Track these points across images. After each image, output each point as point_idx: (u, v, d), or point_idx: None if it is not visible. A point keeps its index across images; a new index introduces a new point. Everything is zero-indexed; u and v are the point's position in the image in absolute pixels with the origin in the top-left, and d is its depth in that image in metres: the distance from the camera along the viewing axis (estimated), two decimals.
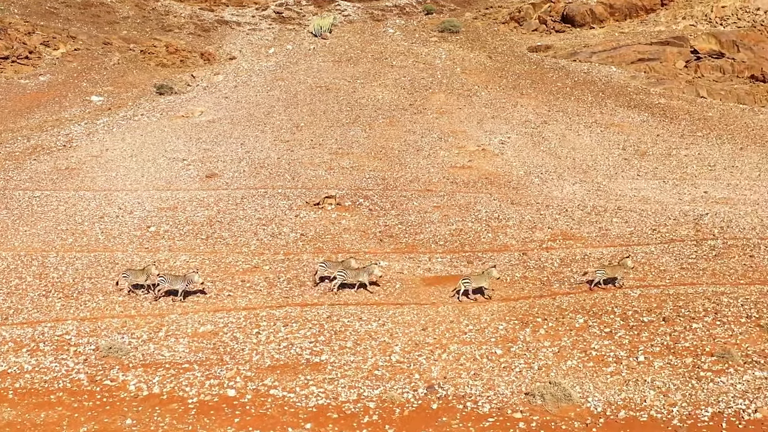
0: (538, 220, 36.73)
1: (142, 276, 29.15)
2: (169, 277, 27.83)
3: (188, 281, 27.92)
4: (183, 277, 28.02)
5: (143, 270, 29.33)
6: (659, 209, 38.58)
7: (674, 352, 24.36)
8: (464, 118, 53.82)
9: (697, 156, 47.32)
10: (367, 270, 29.79)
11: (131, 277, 28.00)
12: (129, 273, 29.35)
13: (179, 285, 27.89)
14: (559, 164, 45.54)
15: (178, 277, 27.98)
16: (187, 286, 27.77)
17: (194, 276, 27.93)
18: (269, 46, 72.85)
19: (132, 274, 29.13)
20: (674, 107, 57.97)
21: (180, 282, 27.82)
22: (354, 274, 29.44)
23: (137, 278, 28.31)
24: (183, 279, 27.83)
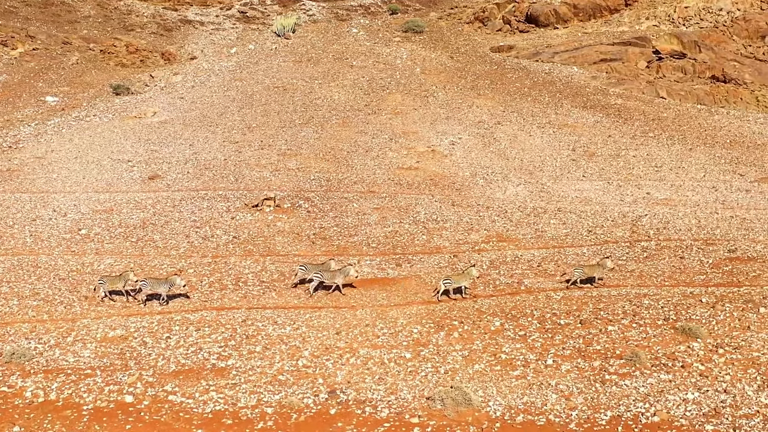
0: (476, 222, 36.64)
1: (120, 282, 28.90)
2: (151, 281, 27.60)
3: (170, 284, 27.58)
4: (165, 280, 27.73)
5: (120, 276, 29.08)
6: (599, 210, 38.57)
7: (585, 355, 24.31)
8: (418, 119, 53.67)
9: (645, 157, 47.31)
10: (342, 272, 29.63)
11: (107, 284, 27.85)
12: (105, 279, 29.09)
13: (162, 288, 27.68)
14: (506, 165, 45.47)
15: (160, 281, 27.74)
16: (170, 289, 27.48)
17: (176, 279, 27.62)
18: (231, 46, 72.61)
19: (108, 281, 28.89)
20: (630, 108, 58.00)
21: (162, 285, 27.60)
22: (330, 276, 29.37)
23: (114, 285, 28.06)
24: (165, 282, 27.56)
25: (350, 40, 73.62)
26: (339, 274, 29.53)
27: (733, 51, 72.29)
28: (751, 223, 37.29)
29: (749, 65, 71.34)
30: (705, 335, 25.62)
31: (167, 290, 27.59)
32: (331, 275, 29.58)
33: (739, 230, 36.39)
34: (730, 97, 67.24)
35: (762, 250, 33.99)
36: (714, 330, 26.14)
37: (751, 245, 34.38)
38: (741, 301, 28.54)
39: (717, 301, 28.53)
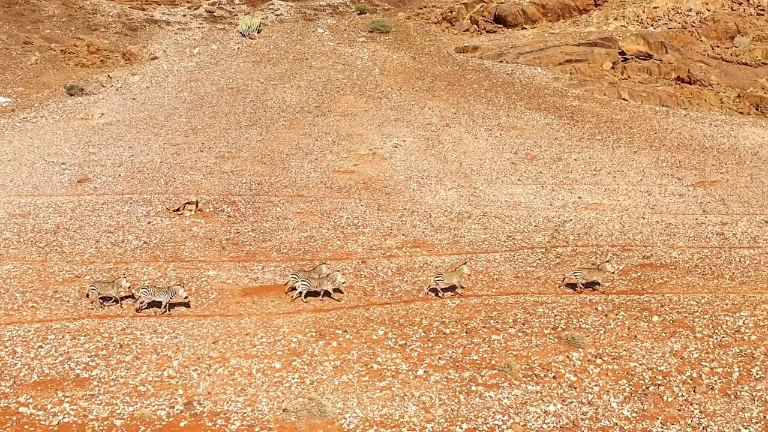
0: (397, 227, 36.56)
1: (112, 288, 28.80)
2: (153, 290, 27.47)
3: (172, 294, 27.46)
4: (167, 289, 27.63)
5: (113, 283, 29.03)
6: (524, 215, 38.50)
7: (459, 365, 24.25)
8: (366, 121, 53.68)
9: (587, 160, 47.22)
10: (330, 278, 29.68)
11: (99, 289, 27.57)
12: (97, 285, 29.04)
13: (163, 297, 27.55)
14: (444, 169, 45.40)
15: (162, 290, 27.66)
16: (171, 298, 27.35)
17: (179, 289, 27.40)
18: (195, 46, 72.77)
19: (100, 286, 28.84)
20: (585, 109, 57.89)
21: (164, 294, 27.51)
22: (318, 283, 29.59)
23: (106, 290, 27.81)
24: (167, 291, 27.52)
25: (314, 40, 73.52)
26: (327, 280, 29.64)
27: (700, 52, 72.10)
28: (676, 228, 37.13)
29: (716, 66, 71.21)
30: (588, 345, 25.50)
31: (168, 299, 27.46)
32: (319, 282, 29.60)
33: (661, 236, 36.25)
34: (693, 98, 67.08)
35: (677, 256, 33.83)
36: (599, 339, 26.01)
37: (667, 251, 34.27)
38: (637, 309, 28.42)
39: (613, 309, 28.45)
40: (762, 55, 72.48)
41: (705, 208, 40.28)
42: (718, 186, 43.64)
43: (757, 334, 27.02)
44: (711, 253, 34.42)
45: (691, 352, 25.63)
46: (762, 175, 45.56)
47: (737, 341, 26.44)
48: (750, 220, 38.66)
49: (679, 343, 26.16)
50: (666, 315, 28.30)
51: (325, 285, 30.06)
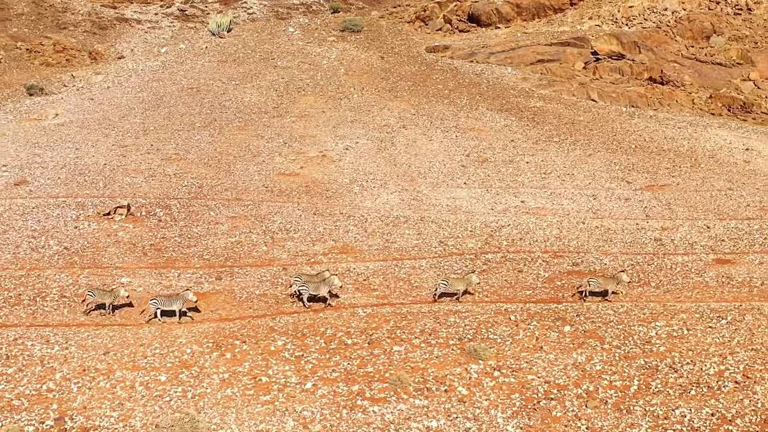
0: (329, 232, 36.02)
1: (108, 297, 27.94)
2: (162, 299, 27.33)
3: (183, 300, 27.40)
4: (177, 296, 27.61)
5: (111, 292, 28.13)
6: (462, 220, 37.91)
7: (351, 378, 23.69)
8: (322, 122, 53.10)
9: (539, 163, 46.61)
10: (327, 282, 29.34)
11: (96, 297, 27.50)
12: (95, 292, 28.20)
13: (176, 305, 27.51)
14: (391, 171, 44.81)
15: (172, 297, 27.53)
16: (183, 304, 27.39)
17: (188, 294, 27.51)
18: (163, 45, 72.17)
19: (97, 294, 27.86)
20: (548, 111, 57.28)
21: (176, 302, 27.38)
22: (315, 287, 29.34)
23: (103, 298, 27.73)
24: (177, 298, 27.39)
25: (284, 39, 72.94)
26: (324, 284, 29.41)
27: (674, 52, 71.38)
28: (614, 233, 36.57)
29: (689, 66, 70.50)
30: (490, 356, 24.94)
31: (181, 306, 27.42)
32: (316, 286, 29.29)
33: (597, 241, 35.64)
34: (664, 99, 66.44)
35: (609, 263, 33.32)
36: (504, 351, 25.45)
37: (599, 258, 33.69)
38: (551, 318, 27.85)
39: (527, 318, 27.86)
40: (737, 55, 71.69)
41: (649, 212, 39.58)
42: (667, 190, 42.96)
43: (667, 345, 26.40)
44: (643, 260, 33.79)
45: (595, 364, 25.02)
46: (714, 179, 44.87)
47: (645, 353, 25.85)
48: (692, 225, 37.99)
49: (584, 355, 25.51)
50: (579, 325, 27.66)
51: (322, 290, 29.88)
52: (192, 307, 27.90)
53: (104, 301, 28.59)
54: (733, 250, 34.90)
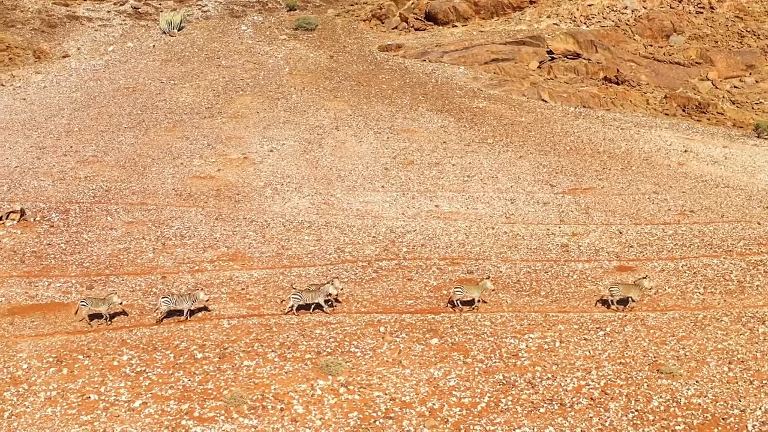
0: (225, 238, 35.04)
1: (103, 305, 27.26)
2: (174, 297, 27.24)
3: (193, 299, 27.28)
4: (188, 295, 27.44)
5: (104, 299, 27.33)
6: (369, 225, 37.00)
7: (186, 395, 22.76)
8: (254, 123, 52.19)
9: (466, 166, 45.67)
10: (321, 290, 29.05)
11: (90, 306, 26.89)
12: (88, 301, 28.10)
13: (185, 304, 27.51)
14: (310, 174, 43.85)
15: (183, 296, 27.32)
16: (193, 304, 27.30)
17: (199, 294, 27.40)
18: (111, 44, 70.81)
19: (91, 303, 27.11)
20: (490, 111, 56.25)
21: (185, 301, 27.19)
22: (310, 296, 29.15)
23: (97, 307, 27.08)
24: (188, 297, 27.14)
25: (234, 38, 71.96)
26: (319, 293, 29.10)
27: (631, 51, 70.44)
28: (521, 239, 35.63)
29: (647, 66, 69.56)
30: (343, 372, 23.91)
31: (191, 306, 27.37)
32: (311, 295, 28.94)
33: (501, 248, 34.71)
34: (618, 99, 65.53)
35: (504, 270, 32.46)
36: (360, 365, 24.43)
37: (497, 265, 32.89)
38: (423, 330, 26.88)
39: (398, 330, 26.98)
40: (696, 55, 70.67)
41: (564, 217, 38.58)
42: (589, 193, 41.92)
43: (534, 358, 25.44)
44: (542, 267, 32.80)
45: (451, 379, 24.05)
46: (641, 182, 43.88)
47: (507, 367, 24.84)
48: (605, 230, 36.97)
49: (443, 370, 24.53)
50: (450, 337, 26.67)
51: (317, 298, 29.62)
52: (202, 307, 28.21)
53: (99, 310, 28.20)
54: (639, 256, 33.86)
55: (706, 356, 26.00)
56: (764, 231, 37.46)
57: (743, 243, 36.08)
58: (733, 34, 71.63)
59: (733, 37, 71.35)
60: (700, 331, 27.71)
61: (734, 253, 34.75)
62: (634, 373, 24.98)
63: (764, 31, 72.58)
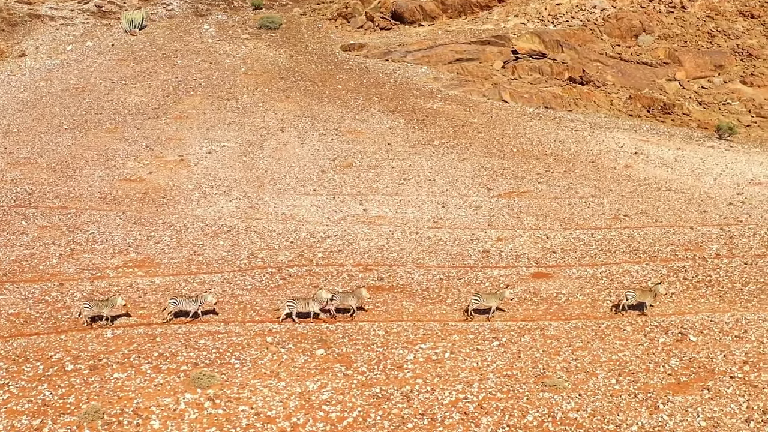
0: (138, 243, 34.36)
1: (106, 307, 27.43)
2: (181, 299, 27.60)
3: (201, 301, 27.71)
4: (195, 297, 27.86)
5: (107, 301, 27.42)
6: (290, 230, 36.31)
7: (42, 410, 22.49)
8: (197, 125, 51.47)
9: (404, 168, 44.85)
10: (315, 298, 28.76)
11: (93, 308, 27.03)
12: (91, 304, 27.61)
13: (192, 306, 27.96)
14: (243, 177, 43.07)
15: (191, 298, 27.75)
16: (200, 306, 27.73)
17: (207, 296, 27.73)
18: (72, 43, 69.85)
19: (94, 305, 27.34)
20: (444, 112, 55.45)
21: (193, 303, 27.60)
22: (304, 305, 29.10)
23: (100, 309, 27.26)
24: (196, 299, 27.50)
25: (195, 37, 71.17)
26: (312, 301, 28.82)
27: (598, 51, 69.60)
28: (443, 244, 34.86)
29: (613, 66, 68.75)
30: (214, 384, 23.21)
31: (197, 307, 27.80)
32: (305, 303, 28.92)
33: (421, 253, 34.04)
34: (581, 99, 64.74)
35: (417, 277, 31.70)
36: (235, 378, 23.64)
37: (411, 272, 32.23)
38: (313, 340, 26.17)
39: (288, 340, 26.38)
40: (664, 55, 69.78)
41: (493, 222, 37.77)
42: (525, 197, 41.09)
43: (418, 370, 24.77)
44: (456, 274, 32.01)
45: (326, 392, 23.29)
46: (581, 185, 43.11)
47: (388, 379, 24.16)
48: (531, 235, 36.22)
49: (320, 382, 23.78)
50: (338, 348, 25.91)
51: (311, 306, 29.43)
52: (210, 310, 28.55)
53: (102, 312, 28.03)
54: (559, 262, 33.02)
55: (596, 368, 24.99)
56: (695, 236, 36.39)
57: (670, 249, 35.11)
58: (703, 34, 70.65)
59: (703, 36, 70.37)
60: (599, 342, 26.75)
61: (658, 259, 33.83)
62: (517, 386, 24.01)
63: (735, 31, 71.51)
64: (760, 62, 67.84)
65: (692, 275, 32.25)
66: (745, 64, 68.86)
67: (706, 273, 32.57)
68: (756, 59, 67.24)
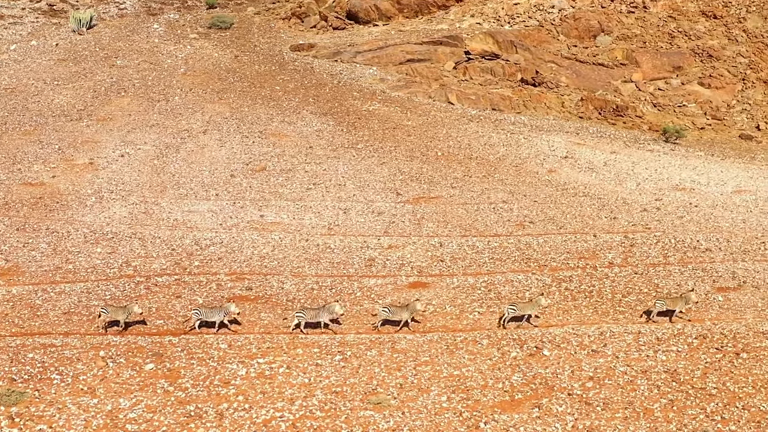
0: (10, 251, 34.68)
1: (122, 314, 27.39)
2: (204, 310, 27.37)
3: (225, 312, 27.41)
4: (219, 308, 27.61)
5: (124, 308, 27.37)
6: (176, 237, 35.77)
7: None
8: (118, 127, 50.88)
9: (317, 173, 44.09)
10: (327, 309, 28.28)
11: (110, 313, 27.07)
12: (108, 309, 27.43)
13: (216, 317, 27.62)
14: (147, 181, 42.34)
15: (214, 309, 27.51)
16: (225, 316, 27.42)
17: (230, 306, 27.34)
18: (17, 42, 69.08)
19: (111, 310, 27.24)
20: (379, 114, 54.64)
21: (216, 313, 27.34)
22: (314, 315, 28.72)
23: (116, 315, 27.30)
24: (219, 310, 27.28)
25: (142, 36, 70.43)
26: (324, 312, 28.41)
27: (553, 52, 68.61)
28: (330, 252, 34.11)
29: (568, 67, 67.81)
30: (21, 401, 23.10)
31: (222, 318, 27.48)
32: (315, 313, 28.39)
33: (303, 262, 33.22)
34: (531, 101, 63.87)
35: (288, 287, 30.93)
36: (47, 394, 23.50)
37: (285, 281, 31.47)
38: (148, 354, 25.55)
39: (121, 354, 25.49)
40: (622, 56, 68.84)
41: (390, 229, 36.85)
42: (433, 202, 40.09)
43: (244, 387, 24.32)
44: (330, 283, 31.52)
45: (136, 410, 22.66)
46: (495, 191, 42.32)
47: (209, 396, 23.48)
48: (425, 243, 35.27)
49: (135, 399, 22.92)
50: (171, 362, 25.06)
51: (322, 317, 28.97)
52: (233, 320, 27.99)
53: (118, 318, 27.78)
54: (443, 271, 32.13)
55: (433, 384, 24.05)
56: (595, 244, 35.41)
57: (565, 257, 34.11)
58: (663, 35, 69.61)
59: (663, 37, 69.34)
60: (448, 356, 25.79)
61: (547, 268, 32.90)
62: (341, 404, 23.09)
63: (696, 32, 70.48)
64: (720, 63, 66.71)
65: (576, 285, 31.19)
66: (704, 65, 67.71)
67: (590, 283, 31.46)
68: (716, 60, 66.15)
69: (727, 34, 69.54)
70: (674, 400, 23.56)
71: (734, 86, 66.81)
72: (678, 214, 39.51)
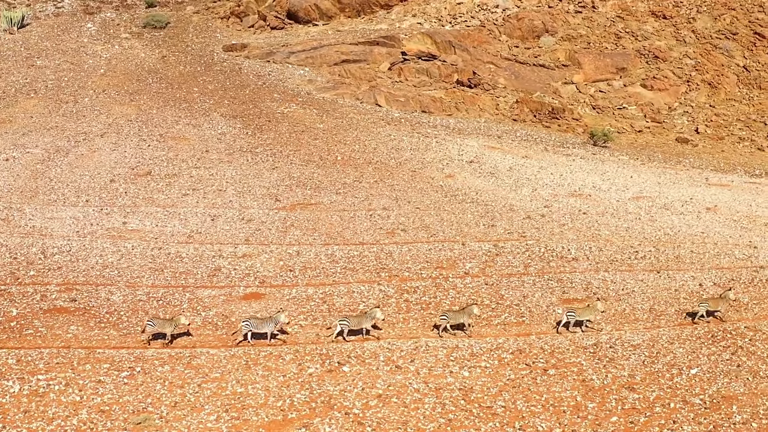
0: None
1: (169, 326, 27.46)
2: (255, 321, 27.46)
3: (275, 322, 27.47)
4: (270, 318, 27.59)
5: (171, 320, 27.42)
6: (26, 245, 35.63)
7: None
8: (14, 129, 50.65)
9: (202, 178, 43.34)
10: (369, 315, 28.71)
11: (156, 326, 27.13)
12: (155, 321, 27.49)
13: (267, 328, 27.62)
14: (20, 186, 43.27)
15: (265, 320, 27.52)
16: (275, 326, 27.52)
17: (280, 316, 27.59)
18: None
19: (157, 323, 27.41)
20: (291, 117, 53.99)
21: (267, 324, 27.37)
22: (357, 322, 28.62)
23: (163, 327, 27.36)
24: (270, 320, 27.28)
25: (72, 36, 69.84)
26: (367, 318, 28.79)
27: (492, 53, 67.73)
28: (178, 261, 34.17)
29: (507, 68, 66.99)
30: None
31: (273, 329, 27.61)
32: (357, 321, 28.35)
33: (146, 271, 33.05)
34: (464, 103, 63.12)
35: (115, 299, 30.68)
36: None
37: (114, 292, 30.30)
38: None
39: None
40: (564, 57, 67.91)
41: (253, 237, 36.30)
42: (309, 209, 39.33)
43: (7, 405, 22.90)
44: (162, 294, 31.79)
45: None
46: (380, 197, 41.72)
47: None
48: (282, 252, 34.65)
49: None
50: None
51: (364, 323, 28.83)
52: (281, 330, 28.09)
53: (164, 331, 27.65)
54: (286, 282, 31.36)
55: (209, 402, 23.31)
56: (459, 253, 34.63)
57: (421, 267, 33.29)
58: (609, 35, 68.66)
59: (609, 38, 68.39)
60: (241, 372, 25.04)
61: (397, 279, 31.78)
62: (102, 423, 22.47)
63: (644, 32, 69.51)
64: (666, 64, 65.76)
65: (417, 297, 30.35)
66: (649, 66, 66.76)
67: (434, 294, 30.59)
68: (662, 61, 65.20)
69: (676, 34, 68.50)
70: (452, 419, 22.69)
71: (678, 88, 65.78)
72: (561, 222, 38.63)
